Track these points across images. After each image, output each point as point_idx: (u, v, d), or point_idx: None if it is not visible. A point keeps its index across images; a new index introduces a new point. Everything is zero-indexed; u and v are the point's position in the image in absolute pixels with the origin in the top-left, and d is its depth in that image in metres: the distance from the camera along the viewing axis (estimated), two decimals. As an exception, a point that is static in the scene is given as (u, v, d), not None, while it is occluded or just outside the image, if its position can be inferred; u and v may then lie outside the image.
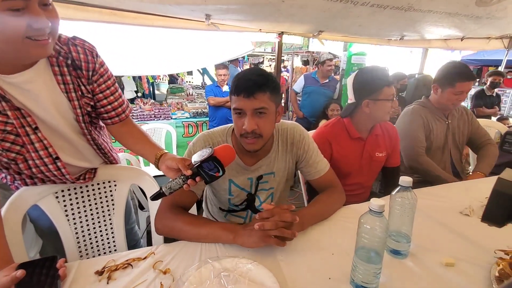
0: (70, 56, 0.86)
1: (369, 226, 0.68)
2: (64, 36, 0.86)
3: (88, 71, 0.89)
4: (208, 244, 0.89)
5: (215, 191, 1.15)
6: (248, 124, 0.93)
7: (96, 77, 0.92)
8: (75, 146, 0.95)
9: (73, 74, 0.87)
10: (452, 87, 1.56)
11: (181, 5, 2.09)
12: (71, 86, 0.87)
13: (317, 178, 1.16)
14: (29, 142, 0.83)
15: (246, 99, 0.92)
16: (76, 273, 0.76)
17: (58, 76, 0.85)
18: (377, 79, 1.31)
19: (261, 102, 0.92)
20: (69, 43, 0.86)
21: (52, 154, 0.87)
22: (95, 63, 0.90)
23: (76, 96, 0.89)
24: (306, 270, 0.80)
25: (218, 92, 3.55)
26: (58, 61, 0.84)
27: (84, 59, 0.88)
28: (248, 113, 0.93)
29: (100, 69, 0.93)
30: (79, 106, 0.90)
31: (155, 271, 0.78)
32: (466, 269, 0.81)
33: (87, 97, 0.92)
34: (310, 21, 2.58)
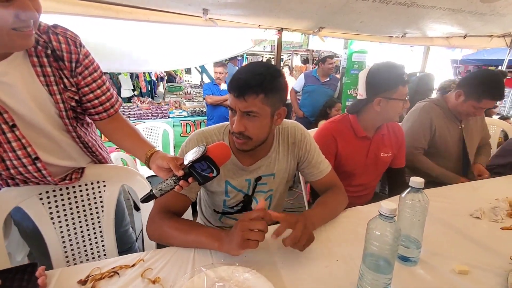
0: (50, 46, 0.78)
1: (379, 232, 0.62)
2: (43, 24, 0.79)
3: (71, 62, 0.82)
4: (202, 253, 0.82)
5: (210, 192, 1.09)
6: (235, 125, 0.87)
7: (80, 69, 0.84)
8: (58, 144, 0.87)
9: (54, 65, 0.80)
10: (477, 101, 1.47)
11: None
12: (52, 79, 0.80)
13: (320, 178, 1.09)
14: (6, 141, 0.76)
15: (236, 99, 0.85)
16: (58, 282, 0.70)
17: (37, 68, 0.78)
18: (394, 77, 1.23)
19: (251, 105, 0.84)
20: (49, 32, 0.79)
21: (31, 154, 0.80)
22: (79, 54, 0.83)
23: (58, 89, 0.81)
24: (309, 280, 0.73)
25: (216, 90, 3.49)
26: (36, 51, 0.77)
27: (66, 49, 0.81)
28: (238, 113, 0.87)
29: (85, 60, 0.85)
30: (62, 101, 0.82)
31: (143, 280, 0.71)
32: (480, 277, 0.75)
33: (71, 90, 0.84)
34: (311, 17, 2.52)
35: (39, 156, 0.81)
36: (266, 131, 0.92)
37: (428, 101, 1.66)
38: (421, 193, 0.76)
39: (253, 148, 0.94)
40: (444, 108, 1.61)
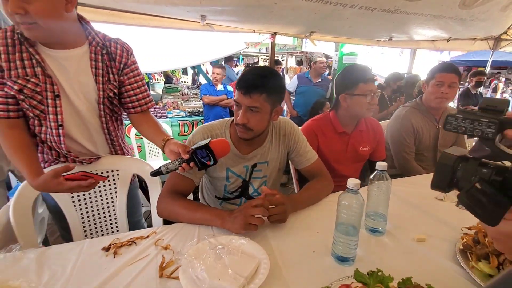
0: (106, 49, 1.05)
1: (346, 203, 0.78)
2: (109, 36, 1.08)
3: (120, 63, 1.08)
4: (206, 226, 0.97)
5: (212, 178, 1.24)
6: (240, 118, 1.04)
7: (126, 71, 1.10)
8: (86, 126, 1.08)
9: (106, 63, 1.06)
10: (433, 79, 1.67)
11: (177, 6, 2.18)
12: (100, 71, 1.04)
13: (307, 166, 1.26)
14: (47, 105, 0.98)
15: (243, 96, 1.02)
16: (85, 249, 0.84)
17: (93, 61, 1.03)
18: (354, 76, 1.41)
19: (255, 101, 1.02)
20: (111, 40, 1.07)
21: (59, 120, 1.01)
22: (128, 59, 1.10)
23: (103, 80, 1.05)
24: (293, 245, 0.89)
25: (213, 90, 3.63)
26: (96, 50, 1.04)
27: (119, 54, 1.08)
28: (243, 107, 1.04)
29: (132, 65, 1.12)
30: (103, 89, 1.06)
31: (157, 247, 0.86)
32: (435, 243, 0.92)
33: (113, 84, 1.08)
34: (302, 22, 2.69)
35: (64, 126, 1.02)
36: (265, 124, 1.10)
37: (408, 107, 1.80)
38: (385, 174, 0.93)
39: (252, 138, 1.11)
40: (422, 110, 1.77)
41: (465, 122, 0.54)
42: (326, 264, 0.82)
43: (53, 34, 0.93)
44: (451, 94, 1.66)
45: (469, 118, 0.53)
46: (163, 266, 0.77)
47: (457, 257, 0.83)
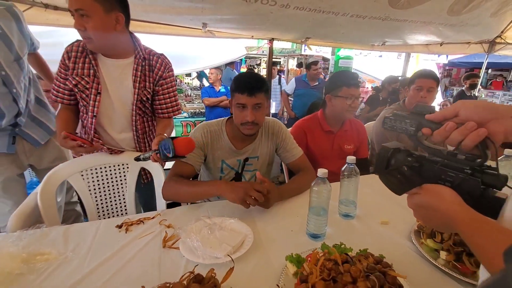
0: (148, 62, 1.30)
1: (316, 188, 0.94)
2: (154, 51, 1.34)
3: (157, 75, 1.32)
4: (203, 210, 1.14)
5: (209, 170, 1.41)
6: (250, 116, 1.21)
7: (161, 82, 1.34)
8: (119, 122, 1.33)
9: (146, 73, 1.30)
10: (413, 83, 1.83)
11: (181, 15, 2.36)
12: (138, 79, 1.29)
13: (293, 161, 1.43)
14: (89, 99, 1.26)
15: (248, 97, 1.20)
16: (102, 227, 1.02)
17: (134, 70, 1.28)
18: (339, 80, 1.60)
19: (259, 99, 1.22)
20: (154, 55, 1.32)
21: (94, 112, 1.26)
22: (164, 73, 1.34)
23: (139, 86, 1.29)
24: (275, 226, 1.05)
25: (213, 92, 3.82)
26: (138, 61, 1.28)
27: (158, 67, 1.32)
28: (249, 107, 1.21)
29: (167, 78, 1.35)
30: (137, 94, 1.29)
31: (161, 226, 1.03)
32: (396, 226, 1.07)
33: (147, 90, 1.32)
34: (298, 29, 2.85)
35: (98, 118, 1.29)
36: (264, 118, 1.31)
37: (391, 109, 1.97)
38: (354, 167, 1.09)
39: (255, 133, 1.30)
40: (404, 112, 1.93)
41: (396, 122, 0.70)
42: (301, 240, 0.98)
43: (104, 46, 1.21)
44: (429, 98, 1.82)
45: (398, 119, 0.69)
46: (166, 239, 0.95)
47: (410, 236, 0.99)
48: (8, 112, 1.28)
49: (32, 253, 0.84)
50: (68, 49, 1.25)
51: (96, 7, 1.09)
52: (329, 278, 0.70)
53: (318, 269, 0.72)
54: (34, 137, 1.40)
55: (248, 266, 0.85)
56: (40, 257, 0.83)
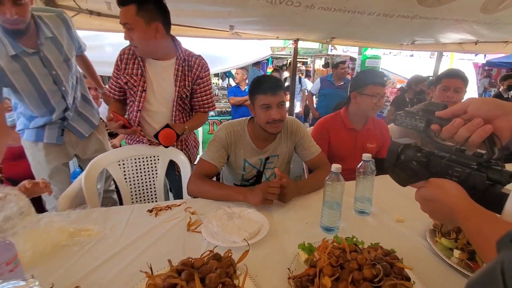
0: (188, 63, 1.48)
1: (330, 183, 0.99)
2: (193, 53, 1.51)
3: (195, 75, 1.50)
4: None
5: (232, 168, 1.49)
6: (276, 114, 1.30)
7: (199, 82, 1.51)
8: (160, 116, 1.52)
9: (186, 73, 1.48)
10: (439, 83, 1.79)
11: (209, 18, 2.48)
12: (179, 78, 1.47)
13: (311, 158, 1.47)
14: (136, 95, 1.47)
15: (272, 96, 1.28)
16: (134, 211, 1.14)
17: (175, 71, 1.46)
18: (365, 78, 1.62)
19: (281, 97, 1.31)
20: (193, 56, 1.50)
21: (140, 107, 1.47)
22: (201, 72, 1.51)
23: (179, 85, 1.47)
24: (291, 218, 1.11)
25: (238, 92, 3.93)
26: (179, 63, 1.46)
27: (196, 67, 1.49)
28: (273, 106, 1.29)
29: (204, 78, 1.52)
30: (178, 91, 1.48)
31: (186, 212, 1.13)
32: (412, 224, 1.08)
33: (186, 88, 1.50)
34: (322, 29, 2.86)
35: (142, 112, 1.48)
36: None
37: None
38: (370, 164, 1.12)
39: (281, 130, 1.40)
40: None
41: (407, 119, 0.73)
42: (315, 232, 1.03)
43: (148, 52, 1.41)
44: (457, 99, 1.76)
45: (409, 116, 0.72)
46: (190, 223, 1.04)
47: (425, 234, 1.00)
48: (58, 107, 1.47)
49: (77, 229, 0.97)
50: (121, 53, 1.47)
51: (138, 20, 1.27)
52: (337, 264, 0.75)
53: (326, 256, 0.77)
54: (79, 130, 1.58)
55: (263, 251, 0.92)
56: (84, 232, 0.97)
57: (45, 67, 1.37)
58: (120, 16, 1.30)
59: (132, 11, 1.26)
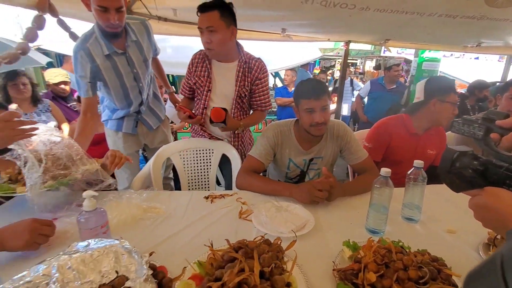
0: (248, 65, 1.63)
1: (378, 186, 1.01)
2: (253, 56, 1.66)
3: (254, 76, 1.64)
4: (272, 195, 1.32)
5: (277, 166, 1.58)
6: (320, 117, 1.35)
7: (257, 82, 1.66)
8: None
9: (245, 74, 1.63)
10: (507, 91, 1.66)
11: (263, 22, 2.59)
12: (239, 79, 1.62)
13: (357, 163, 1.48)
14: (202, 94, 1.65)
15: (315, 101, 1.34)
16: (193, 197, 1.29)
17: (237, 72, 1.62)
18: (447, 84, 1.56)
19: (324, 101, 1.36)
20: (253, 59, 1.65)
21: (205, 105, 1.65)
22: (260, 74, 1.65)
23: (239, 84, 1.62)
24: (335, 216, 1.16)
25: (285, 93, 3.99)
26: (240, 64, 1.62)
27: (255, 69, 1.63)
28: (317, 109, 1.35)
29: (262, 79, 1.66)
30: (237, 90, 1.63)
31: (237, 201, 1.25)
32: (464, 236, 1.05)
33: (245, 88, 1.64)
34: (376, 31, 2.79)
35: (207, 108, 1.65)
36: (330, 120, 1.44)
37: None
38: (421, 170, 1.11)
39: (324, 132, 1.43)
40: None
41: (464, 126, 0.73)
42: (359, 233, 1.06)
43: (221, 54, 1.56)
44: None
45: (466, 123, 0.72)
46: (242, 212, 1.15)
47: (478, 247, 0.97)
48: (135, 101, 1.72)
49: (149, 206, 1.15)
50: (193, 58, 1.66)
51: (221, 24, 1.45)
52: (382, 263, 0.78)
53: (372, 253, 0.81)
54: (149, 123, 1.82)
55: (308, 244, 0.98)
56: (154, 210, 1.14)
57: (129, 66, 1.62)
58: (200, 21, 1.47)
59: (216, 15, 1.43)
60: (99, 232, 0.87)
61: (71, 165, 1.07)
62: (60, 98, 2.74)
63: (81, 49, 1.50)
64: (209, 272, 0.78)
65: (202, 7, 1.46)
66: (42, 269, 0.63)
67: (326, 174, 1.22)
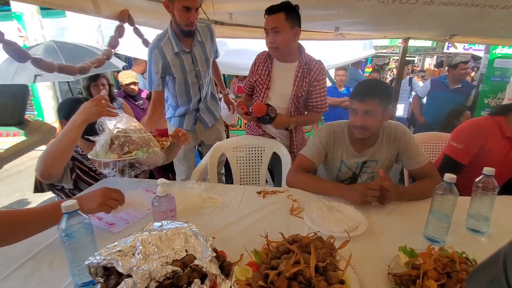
0: (307, 66, 1.68)
1: (441, 193, 0.96)
2: (314, 58, 1.70)
3: (312, 77, 1.68)
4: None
5: (328, 166, 1.57)
6: (358, 121, 1.32)
7: (315, 84, 1.70)
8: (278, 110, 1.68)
9: (304, 75, 1.68)
10: None
11: (316, 21, 2.58)
12: (297, 79, 1.68)
13: (416, 168, 1.40)
14: (261, 91, 1.75)
15: (358, 103, 1.31)
16: (247, 190, 1.37)
17: (296, 72, 1.68)
18: None
19: (370, 106, 1.29)
20: (313, 61, 1.69)
21: (262, 101, 1.71)
22: (318, 76, 1.69)
23: (297, 84, 1.68)
24: (390, 221, 1.13)
25: (335, 93, 3.89)
26: (300, 65, 1.68)
27: (314, 71, 1.68)
28: (359, 112, 1.32)
29: (320, 81, 1.70)
30: (295, 90, 1.69)
31: (288, 198, 1.29)
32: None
33: (303, 89, 1.69)
34: (440, 26, 2.57)
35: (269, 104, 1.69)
36: (378, 124, 1.37)
37: None
38: (492, 179, 1.02)
39: (369, 137, 1.39)
40: None
41: None
42: (416, 240, 1.01)
43: (284, 54, 1.64)
44: None
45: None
46: (293, 208, 1.19)
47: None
48: (194, 98, 1.89)
49: (208, 196, 1.25)
50: (256, 58, 1.79)
51: (286, 25, 1.53)
52: (443, 272, 0.75)
53: (432, 261, 0.78)
54: (206, 121, 1.97)
55: (360, 246, 0.98)
56: (212, 200, 1.24)
57: (192, 64, 1.80)
58: (267, 22, 1.57)
59: (282, 17, 1.52)
60: (169, 216, 0.99)
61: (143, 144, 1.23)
62: (129, 97, 3.11)
63: (156, 47, 1.72)
64: (264, 261, 0.83)
65: (270, 10, 1.55)
66: (129, 241, 0.75)
67: (382, 177, 1.19)
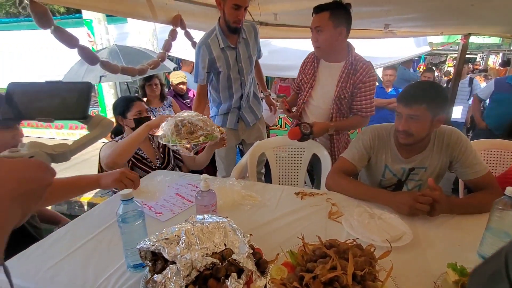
0: (353, 66, 1.61)
1: (501, 207, 0.87)
2: (363, 59, 1.63)
3: (357, 79, 1.61)
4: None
5: (371, 171, 1.50)
6: (401, 125, 1.25)
7: (360, 86, 1.63)
8: (319, 112, 1.75)
9: (349, 75, 1.62)
10: None
11: (364, 19, 2.47)
12: (342, 80, 1.63)
13: (473, 178, 1.28)
14: (304, 90, 1.77)
15: (403, 107, 1.23)
16: (285, 190, 1.38)
17: (340, 73, 1.64)
18: None
19: (415, 111, 1.20)
20: (361, 62, 1.62)
21: (304, 100, 1.76)
22: (365, 77, 1.61)
23: (341, 85, 1.63)
24: (438, 235, 1.04)
25: (382, 93, 3.68)
26: (346, 66, 1.62)
27: (361, 72, 1.60)
28: (403, 116, 1.24)
29: (367, 83, 1.61)
30: (338, 91, 1.64)
31: (327, 201, 1.27)
32: None
33: (346, 90, 1.64)
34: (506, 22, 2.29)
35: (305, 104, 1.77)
36: (426, 131, 1.26)
37: None
38: None
39: (414, 143, 1.29)
40: None
41: None
42: (468, 258, 0.91)
43: (327, 53, 1.63)
44: None
45: None
46: (332, 212, 1.17)
47: None
48: (235, 94, 1.96)
49: (247, 194, 1.29)
50: (306, 57, 1.81)
51: (328, 24, 1.51)
52: (499, 295, 0.68)
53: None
54: (248, 119, 2.03)
55: (403, 258, 0.92)
56: (251, 198, 1.27)
57: (236, 60, 1.88)
58: (312, 21, 1.58)
59: (325, 16, 1.52)
60: (210, 210, 1.04)
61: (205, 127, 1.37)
62: (178, 96, 3.33)
63: (204, 44, 1.84)
64: (300, 263, 0.84)
65: (316, 9, 1.56)
66: (175, 230, 0.81)
67: (432, 186, 1.11)
